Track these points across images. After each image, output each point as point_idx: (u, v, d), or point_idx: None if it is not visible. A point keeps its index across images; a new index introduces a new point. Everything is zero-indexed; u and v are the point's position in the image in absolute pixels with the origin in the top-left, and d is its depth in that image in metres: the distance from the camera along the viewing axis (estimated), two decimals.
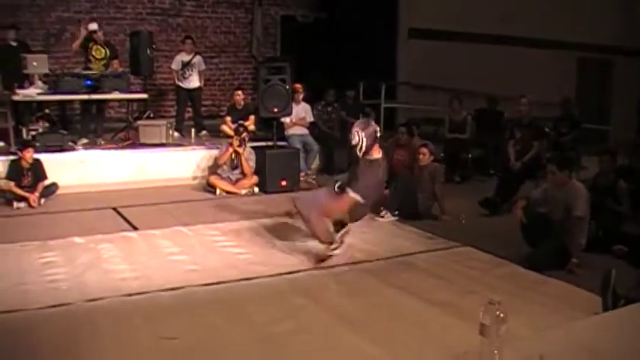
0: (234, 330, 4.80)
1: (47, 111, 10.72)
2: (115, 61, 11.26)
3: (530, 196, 7.11)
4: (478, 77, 13.82)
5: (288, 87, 10.13)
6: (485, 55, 15.00)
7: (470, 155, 11.40)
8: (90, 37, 11.00)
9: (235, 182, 9.77)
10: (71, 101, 11.19)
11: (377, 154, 6.49)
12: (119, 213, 8.35)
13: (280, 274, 6.05)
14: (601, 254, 6.53)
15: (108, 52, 11.06)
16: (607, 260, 6.25)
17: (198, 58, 12.18)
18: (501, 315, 2.25)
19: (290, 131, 11.13)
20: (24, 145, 8.98)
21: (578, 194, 6.38)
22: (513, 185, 9.03)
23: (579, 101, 13.53)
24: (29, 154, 8.73)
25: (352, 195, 6.34)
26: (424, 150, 8.51)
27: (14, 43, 11.25)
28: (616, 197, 7.17)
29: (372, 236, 7.45)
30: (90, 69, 10.77)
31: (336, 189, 6.60)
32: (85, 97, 10.40)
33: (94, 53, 10.96)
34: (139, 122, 10.99)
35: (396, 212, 8.23)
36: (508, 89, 12.32)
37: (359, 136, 6.35)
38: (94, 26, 11.02)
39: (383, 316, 5.11)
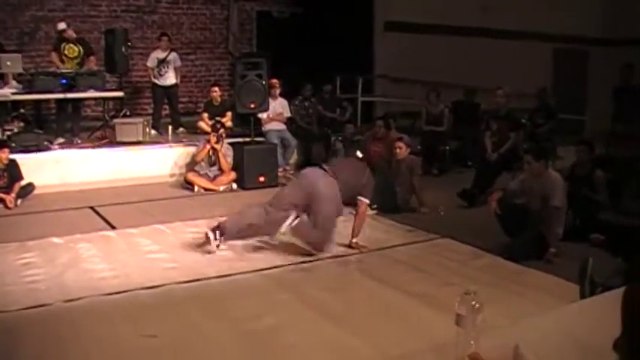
0: (214, 327, 4.80)
1: (22, 111, 10.63)
2: (92, 58, 11.20)
3: (506, 187, 7.16)
4: (455, 69, 13.89)
5: (264, 82, 10.12)
6: (462, 47, 15.06)
7: (447, 147, 11.45)
8: (61, 37, 10.93)
9: (213, 179, 9.76)
10: (46, 100, 11.10)
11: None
12: (97, 212, 8.31)
13: (260, 269, 6.05)
14: (578, 243, 6.59)
15: (81, 49, 10.99)
16: (584, 249, 6.31)
17: (173, 55, 12.13)
18: (477, 305, 2.27)
19: (267, 127, 11.12)
20: None
21: (555, 184, 6.43)
22: (490, 176, 9.09)
23: (555, 92, 13.60)
24: (4, 155, 8.65)
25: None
26: (400, 144, 8.52)
27: None
28: (593, 186, 7.22)
29: (351, 229, 7.45)
30: (65, 69, 10.69)
31: None
32: (61, 95, 10.31)
33: (66, 52, 10.90)
34: (116, 120, 10.94)
35: (375, 206, 8.25)
36: (485, 81, 12.37)
37: None
38: (62, 25, 10.97)
39: (363, 309, 5.14)
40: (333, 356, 4.36)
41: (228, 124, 11.07)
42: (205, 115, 11.38)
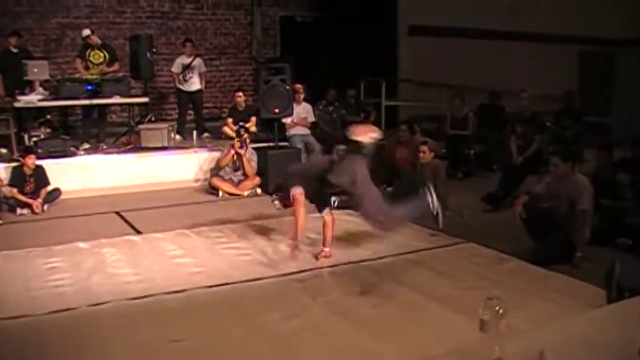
0: (240, 331, 4.81)
1: (49, 117, 10.74)
2: (116, 65, 11.25)
3: (531, 191, 7.10)
4: (479, 72, 13.81)
5: (288, 87, 10.14)
6: (487, 51, 14.98)
7: (472, 151, 11.38)
8: (86, 44, 11.02)
9: (238, 184, 9.78)
10: (72, 106, 11.21)
11: None
12: (122, 217, 8.37)
13: (285, 274, 6.05)
14: (605, 247, 6.51)
15: (106, 55, 11.07)
16: (611, 253, 6.23)
17: (198, 61, 12.20)
18: (501, 310, 2.25)
19: (291, 131, 11.13)
20: (26, 151, 9.01)
21: (582, 187, 6.37)
22: (516, 180, 9.02)
23: (581, 94, 13.49)
24: (31, 161, 8.75)
25: None
26: (424, 148, 8.49)
27: (15, 50, 11.25)
28: (617, 190, 7.15)
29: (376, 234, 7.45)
30: (90, 75, 10.77)
31: None
32: (86, 102, 10.42)
33: (91, 58, 10.98)
34: (141, 126, 11.02)
35: None
36: (510, 84, 12.30)
37: None
38: (86, 32, 11.05)
39: (388, 314, 5.12)
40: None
41: (253, 129, 11.09)
42: (230, 120, 11.42)
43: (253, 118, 11.36)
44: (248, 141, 9.93)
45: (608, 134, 13.15)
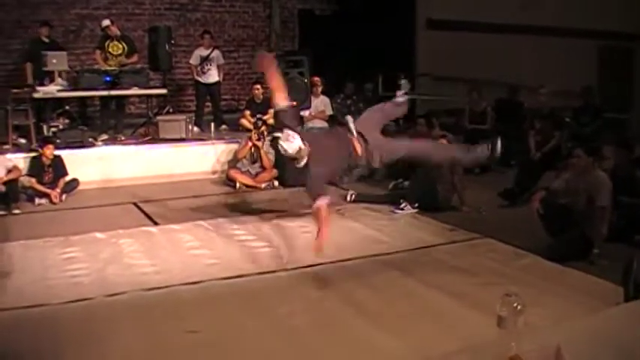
0: (255, 323, 4.82)
1: (67, 107, 10.80)
2: (135, 56, 11.28)
3: (549, 186, 7.05)
4: (498, 67, 13.73)
5: (306, 80, 10.16)
6: (505, 45, 14.88)
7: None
8: (105, 35, 11.06)
9: (255, 176, 9.79)
10: (91, 97, 11.25)
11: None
12: (139, 208, 8.39)
13: (300, 267, 6.05)
14: (622, 244, 6.47)
15: (125, 46, 11.09)
16: (629, 250, 6.19)
17: (216, 53, 12.22)
18: (518, 307, 2.24)
19: (309, 124, 11.12)
20: (44, 141, 9.06)
21: (602, 184, 6.32)
22: (533, 176, 8.96)
23: (600, 90, 13.40)
24: (49, 151, 8.80)
25: None
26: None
27: (46, 40, 11.37)
28: (635, 187, 7.09)
29: (392, 228, 7.44)
30: (109, 66, 10.81)
31: None
32: (105, 93, 10.46)
33: (110, 50, 11.01)
34: (159, 117, 11.05)
35: (416, 204, 8.20)
36: (528, 79, 12.23)
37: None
38: (106, 22, 11.07)
39: (402, 309, 5.11)
40: (370, 355, 4.35)
41: (270, 121, 11.09)
42: (247, 112, 11.44)
43: (271, 111, 11.35)
44: (265, 133, 9.94)
45: (627, 130, 13.05)
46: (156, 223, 7.67)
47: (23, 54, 11.53)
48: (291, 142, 5.96)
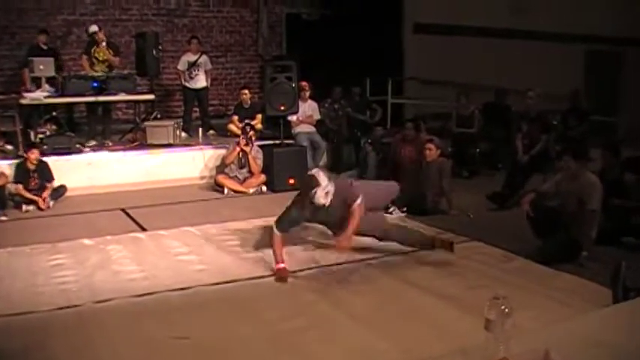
0: (244, 328, 4.81)
1: (54, 114, 10.75)
2: (117, 59, 11.26)
3: (539, 189, 7.07)
4: (485, 71, 13.80)
5: (294, 85, 10.14)
6: (493, 49, 14.97)
7: (478, 150, 11.36)
8: (92, 40, 11.04)
9: (243, 181, 9.78)
10: (78, 103, 11.22)
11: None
12: (128, 214, 8.37)
13: (290, 271, 6.03)
14: (611, 247, 6.49)
15: (111, 52, 11.08)
16: (617, 253, 6.22)
17: (204, 58, 12.21)
18: (506, 310, 2.24)
19: (297, 129, 11.12)
20: (29, 146, 9.03)
21: (593, 186, 6.33)
22: (521, 179, 9.01)
23: (588, 93, 13.47)
24: (34, 155, 8.77)
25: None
26: (430, 145, 8.49)
27: (45, 47, 11.45)
28: (623, 190, 7.12)
29: None
30: (95, 72, 10.78)
31: None
32: (92, 99, 10.43)
33: (96, 55, 10.99)
34: (147, 123, 11.02)
35: (404, 208, 8.21)
36: (516, 82, 12.27)
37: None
38: (94, 28, 11.06)
39: (392, 312, 5.11)
40: (361, 358, 4.35)
41: (259, 126, 11.10)
42: (235, 117, 11.43)
43: (259, 116, 11.36)
44: (254, 138, 9.94)
45: (614, 133, 13.12)
46: (144, 229, 7.65)
47: (21, 60, 11.50)
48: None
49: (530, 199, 6.68)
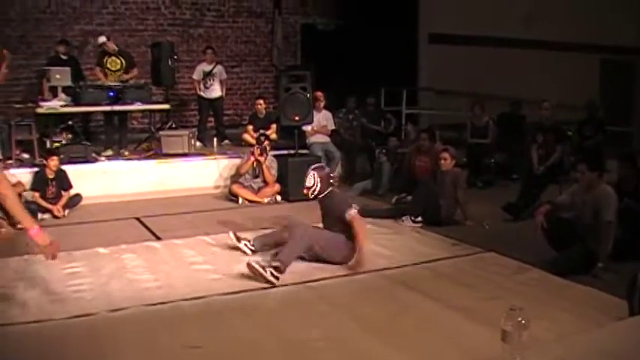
0: (258, 338, 4.80)
1: (70, 123, 10.83)
2: (134, 70, 11.32)
3: (554, 200, 7.03)
4: (500, 81, 13.79)
5: (309, 95, 10.15)
6: (507, 59, 14.96)
7: (492, 160, 11.33)
8: (103, 51, 11.10)
9: (258, 191, 9.79)
10: (94, 113, 11.28)
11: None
12: (142, 223, 8.39)
13: (304, 282, 6.03)
14: (627, 259, 6.43)
15: (123, 61, 11.13)
16: (633, 264, 6.16)
17: (219, 68, 12.26)
18: (523, 321, 2.23)
19: (312, 139, 11.12)
20: (48, 153, 9.08)
21: (608, 198, 6.27)
22: (536, 190, 8.97)
23: (603, 103, 13.41)
24: (53, 162, 8.82)
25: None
26: (445, 155, 8.47)
27: (64, 57, 11.59)
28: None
29: (395, 243, 7.43)
30: (109, 81, 10.83)
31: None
32: (108, 108, 10.48)
33: (109, 65, 11.05)
34: (162, 132, 11.08)
35: (419, 218, 8.20)
36: (531, 93, 12.26)
37: (314, 179, 6.74)
38: (102, 39, 11.11)
39: (407, 323, 5.09)
40: None
41: (273, 136, 11.12)
42: (250, 127, 11.47)
43: (273, 126, 11.39)
44: (268, 148, 9.95)
45: (630, 143, 13.06)
46: (159, 238, 7.66)
47: (40, 70, 11.61)
48: None
49: (544, 212, 6.62)
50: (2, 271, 6.32)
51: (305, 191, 6.91)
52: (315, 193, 6.82)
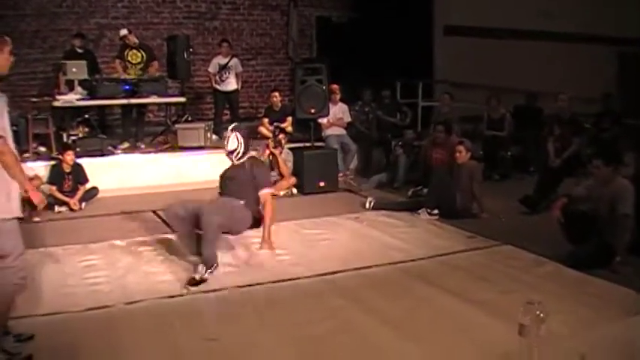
0: (273, 331, 4.81)
1: (87, 116, 10.87)
2: (154, 63, 11.33)
3: (571, 193, 6.98)
4: (516, 73, 13.67)
5: (324, 87, 10.13)
6: (524, 51, 14.83)
7: (509, 153, 11.26)
8: (124, 44, 11.12)
9: (273, 184, 9.77)
10: (110, 106, 11.32)
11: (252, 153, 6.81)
12: (159, 216, 8.40)
13: (319, 274, 6.03)
14: None
15: (144, 55, 11.14)
16: None
17: (234, 61, 12.24)
18: (541, 315, 2.21)
19: (327, 132, 11.10)
20: (64, 147, 9.12)
21: (625, 191, 6.22)
22: (553, 182, 8.91)
23: (620, 96, 13.29)
24: (69, 157, 8.86)
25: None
26: (461, 148, 8.42)
27: (80, 50, 11.63)
28: None
29: (411, 236, 7.41)
30: (129, 75, 10.86)
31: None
32: (124, 101, 10.50)
33: (129, 59, 11.06)
34: (178, 125, 11.09)
35: (435, 211, 8.17)
36: (547, 85, 12.16)
37: (237, 140, 6.66)
38: (123, 31, 11.13)
39: (422, 317, 5.08)
40: None
41: (289, 129, 11.10)
42: (266, 120, 11.45)
43: (289, 119, 11.36)
44: (284, 141, 9.94)
45: None
46: (174, 231, 7.66)
47: (57, 64, 11.64)
48: None
49: (560, 205, 6.58)
50: None
51: (228, 156, 6.75)
52: (240, 155, 6.72)
